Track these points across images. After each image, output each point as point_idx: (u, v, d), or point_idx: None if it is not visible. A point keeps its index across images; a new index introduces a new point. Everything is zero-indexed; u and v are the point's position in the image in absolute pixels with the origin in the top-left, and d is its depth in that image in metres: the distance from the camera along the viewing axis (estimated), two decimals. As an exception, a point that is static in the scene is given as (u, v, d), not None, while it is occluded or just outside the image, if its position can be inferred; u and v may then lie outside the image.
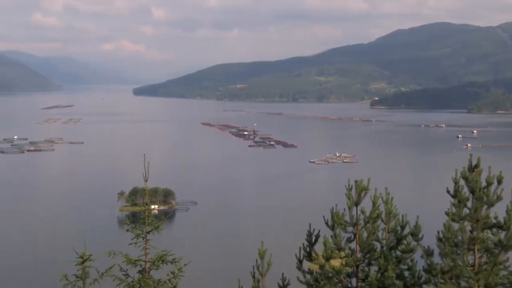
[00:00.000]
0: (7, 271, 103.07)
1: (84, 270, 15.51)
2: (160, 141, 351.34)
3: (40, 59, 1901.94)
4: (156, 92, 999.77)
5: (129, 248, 16.29)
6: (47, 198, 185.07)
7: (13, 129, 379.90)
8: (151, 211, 16.78)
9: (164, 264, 15.99)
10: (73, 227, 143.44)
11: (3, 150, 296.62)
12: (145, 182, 16.59)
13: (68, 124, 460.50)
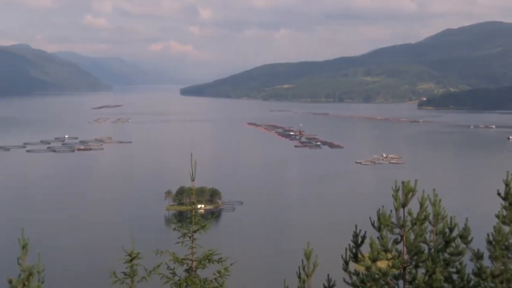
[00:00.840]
0: (59, 266, 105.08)
1: (132, 268, 15.72)
2: (206, 140, 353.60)
3: (91, 59, 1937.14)
4: (202, 92, 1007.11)
5: (176, 247, 16.43)
6: (96, 197, 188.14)
7: (64, 128, 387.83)
8: (197, 211, 16.90)
9: (210, 263, 16.08)
10: (122, 225, 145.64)
11: (55, 149, 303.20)
12: (192, 182, 16.70)
13: (116, 124, 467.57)
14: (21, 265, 14.92)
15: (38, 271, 14.96)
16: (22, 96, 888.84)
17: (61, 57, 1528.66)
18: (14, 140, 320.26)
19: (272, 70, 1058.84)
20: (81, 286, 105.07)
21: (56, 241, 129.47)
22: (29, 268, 14.94)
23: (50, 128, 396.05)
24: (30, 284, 14.62)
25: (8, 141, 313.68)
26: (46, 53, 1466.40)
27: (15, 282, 14.51)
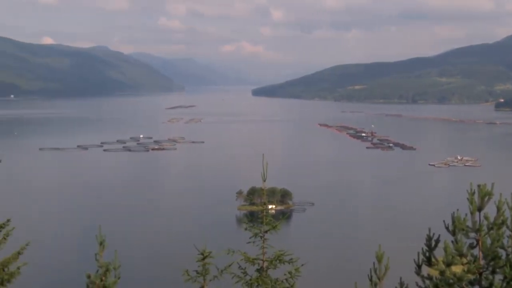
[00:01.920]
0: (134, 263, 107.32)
1: (204, 267, 15.94)
2: (277, 141, 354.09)
3: (165, 60, 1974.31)
4: (274, 92, 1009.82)
5: (248, 247, 16.54)
6: (169, 196, 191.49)
7: (139, 128, 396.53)
8: (268, 211, 16.97)
9: (281, 263, 16.12)
10: (194, 224, 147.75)
11: (130, 149, 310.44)
12: (264, 182, 16.78)
13: (189, 124, 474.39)
14: (99, 261, 15.37)
15: (114, 267, 15.37)
16: (100, 97, 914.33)
17: (137, 58, 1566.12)
18: (92, 139, 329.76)
19: (344, 70, 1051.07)
20: (155, 283, 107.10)
21: (131, 238, 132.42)
22: (106, 264, 15.36)
23: (126, 128, 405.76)
24: (107, 279, 15.04)
25: (87, 141, 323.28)
26: (123, 55, 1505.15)
27: (93, 277, 14.95)
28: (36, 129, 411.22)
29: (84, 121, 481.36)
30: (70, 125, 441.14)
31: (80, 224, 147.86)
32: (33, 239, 24.32)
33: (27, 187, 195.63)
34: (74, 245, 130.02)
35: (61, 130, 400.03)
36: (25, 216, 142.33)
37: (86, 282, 15.34)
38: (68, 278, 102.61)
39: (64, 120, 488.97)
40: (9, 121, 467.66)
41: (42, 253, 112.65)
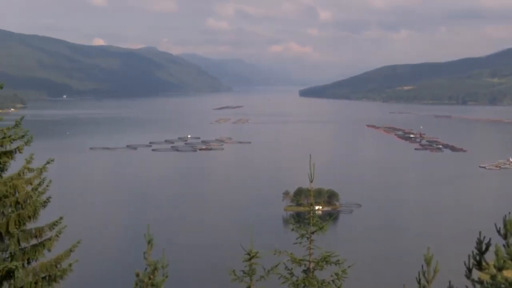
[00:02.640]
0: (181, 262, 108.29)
1: (251, 267, 16.01)
2: (325, 142, 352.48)
3: (213, 61, 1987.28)
4: (321, 93, 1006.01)
5: (294, 247, 16.55)
6: (216, 195, 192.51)
7: (187, 128, 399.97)
8: (315, 212, 16.94)
9: (328, 265, 16.08)
10: (241, 224, 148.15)
11: (178, 149, 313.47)
12: (311, 183, 16.76)
13: (237, 124, 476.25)
14: (147, 259, 15.59)
15: (162, 266, 15.56)
16: (149, 97, 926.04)
17: (185, 59, 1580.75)
18: (141, 139, 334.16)
19: (392, 71, 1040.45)
20: (202, 283, 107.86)
21: (177, 237, 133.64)
22: (154, 263, 15.58)
23: (174, 128, 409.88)
24: (155, 278, 15.25)
25: (136, 140, 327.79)
26: (171, 55, 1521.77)
27: (142, 275, 15.19)
28: (87, 129, 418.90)
29: (133, 121, 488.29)
30: (120, 125, 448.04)
31: (129, 223, 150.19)
32: (83, 237, 24.82)
33: (78, 186, 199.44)
34: (123, 243, 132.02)
35: (111, 130, 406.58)
36: (77, 215, 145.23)
37: (135, 280, 15.59)
38: (117, 276, 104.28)
39: (113, 120, 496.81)
40: (61, 121, 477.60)
41: (92, 251, 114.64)
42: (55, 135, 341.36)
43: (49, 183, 21.38)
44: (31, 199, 20.75)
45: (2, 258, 20.28)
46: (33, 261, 20.79)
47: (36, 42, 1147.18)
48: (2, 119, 21.06)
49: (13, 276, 19.41)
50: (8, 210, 20.49)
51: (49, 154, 22.95)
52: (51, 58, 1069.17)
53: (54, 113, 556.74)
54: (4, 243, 20.40)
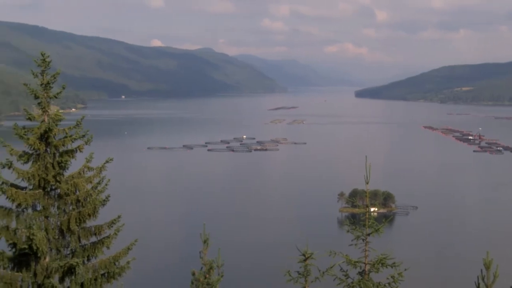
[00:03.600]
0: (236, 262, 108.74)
1: (306, 268, 16.02)
2: (380, 143, 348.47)
3: (268, 62, 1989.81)
4: (378, 94, 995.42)
5: (349, 249, 16.47)
6: (271, 195, 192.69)
7: (243, 129, 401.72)
8: (371, 214, 16.82)
9: (384, 267, 15.95)
10: (295, 224, 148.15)
11: (233, 149, 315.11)
12: (366, 184, 16.66)
13: (292, 125, 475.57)
14: (203, 258, 15.79)
15: (218, 265, 15.73)
16: (205, 97, 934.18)
17: (241, 59, 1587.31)
18: (197, 139, 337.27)
19: (451, 72, 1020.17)
20: (256, 282, 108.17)
21: (233, 237, 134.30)
22: (210, 262, 15.77)
23: (229, 129, 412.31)
24: (210, 277, 15.43)
25: (192, 140, 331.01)
26: (227, 56, 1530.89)
27: (198, 274, 15.40)
28: (144, 128, 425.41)
29: (189, 121, 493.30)
30: (176, 125, 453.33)
31: (185, 222, 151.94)
32: (140, 235, 25.26)
33: (136, 185, 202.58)
34: (179, 242, 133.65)
35: (168, 130, 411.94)
36: (134, 213, 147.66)
37: (191, 279, 15.80)
38: (173, 274, 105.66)
39: (170, 120, 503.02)
40: (120, 121, 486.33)
41: (149, 249, 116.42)
42: (113, 135, 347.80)
43: (108, 182, 21.87)
44: (91, 198, 21.26)
45: (64, 255, 20.86)
46: (93, 258, 21.31)
47: (97, 44, 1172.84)
48: (65, 119, 21.63)
49: (74, 272, 19.94)
50: (69, 208, 21.06)
51: (108, 154, 23.47)
52: (111, 59, 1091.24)
53: (113, 113, 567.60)
54: (65, 240, 20.98)
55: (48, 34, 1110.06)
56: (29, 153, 20.95)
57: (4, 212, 20.44)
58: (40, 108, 21.17)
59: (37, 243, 19.14)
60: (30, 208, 20.69)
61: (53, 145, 20.99)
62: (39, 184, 20.70)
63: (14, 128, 20.50)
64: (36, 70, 21.03)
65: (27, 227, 19.80)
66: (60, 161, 21.00)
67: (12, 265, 20.42)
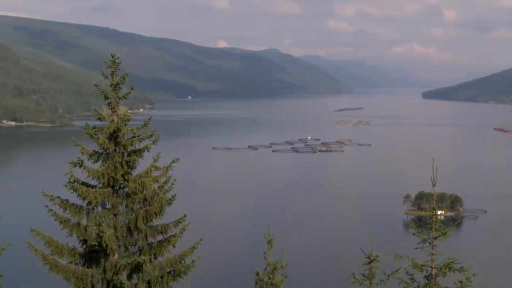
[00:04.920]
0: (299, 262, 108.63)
1: (371, 270, 15.87)
2: (447, 145, 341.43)
3: (333, 63, 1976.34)
4: (446, 95, 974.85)
5: (415, 252, 16.23)
6: (335, 197, 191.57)
7: (307, 130, 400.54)
8: (438, 217, 16.53)
9: (451, 271, 15.64)
10: (360, 226, 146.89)
11: (298, 150, 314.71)
12: (433, 187, 16.38)
13: (357, 126, 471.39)
14: (267, 259, 15.83)
15: (281, 266, 15.76)
16: (269, 98, 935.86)
17: (306, 60, 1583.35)
18: (262, 140, 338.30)
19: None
20: (320, 283, 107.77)
21: (297, 237, 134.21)
22: (274, 263, 15.80)
23: (294, 129, 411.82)
24: (274, 277, 15.47)
25: (256, 141, 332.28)
26: (293, 57, 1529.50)
27: (262, 274, 15.47)
28: (209, 129, 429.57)
29: (254, 121, 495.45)
30: (241, 126, 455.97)
31: (249, 222, 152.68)
32: (205, 234, 25.55)
33: (201, 185, 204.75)
34: (243, 242, 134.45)
35: (233, 130, 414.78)
36: (199, 213, 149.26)
37: (255, 279, 15.89)
38: (237, 274, 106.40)
39: (235, 120, 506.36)
40: (186, 121, 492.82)
41: (213, 249, 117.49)
42: (179, 135, 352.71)
43: (174, 182, 22.21)
44: (158, 197, 21.65)
45: (131, 252, 21.33)
46: (159, 256, 21.70)
47: (164, 45, 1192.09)
48: (133, 119, 22.10)
49: (141, 269, 20.37)
50: (136, 207, 21.52)
51: (174, 153, 23.83)
52: (177, 60, 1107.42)
53: (179, 113, 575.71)
54: (133, 237, 21.45)
55: (118, 35, 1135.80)
56: (99, 152, 21.52)
57: (75, 209, 21.08)
58: (109, 109, 21.70)
59: (106, 240, 19.66)
60: (100, 206, 21.26)
61: (121, 145, 21.48)
62: (108, 182, 21.23)
63: (85, 128, 21.13)
64: (106, 71, 21.56)
65: (97, 225, 20.36)
66: (128, 160, 21.47)
67: (83, 261, 21.07)
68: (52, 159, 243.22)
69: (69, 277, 20.62)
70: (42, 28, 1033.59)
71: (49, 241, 20.76)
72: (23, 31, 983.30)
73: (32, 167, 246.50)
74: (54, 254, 20.74)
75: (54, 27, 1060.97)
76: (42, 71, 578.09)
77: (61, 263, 20.72)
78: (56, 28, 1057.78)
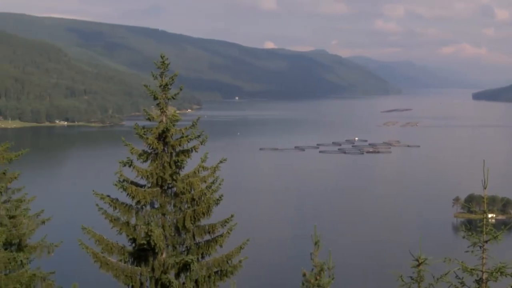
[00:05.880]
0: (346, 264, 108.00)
1: (419, 273, 15.69)
2: (499, 147, 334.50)
3: (381, 63, 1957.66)
4: (497, 97, 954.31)
5: (465, 256, 15.97)
6: (383, 199, 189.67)
7: (354, 131, 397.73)
8: (488, 220, 16.23)
9: (503, 276, 15.33)
10: (408, 228, 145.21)
11: (345, 151, 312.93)
12: (484, 189, 16.09)
13: (405, 127, 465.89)
14: (313, 260, 15.81)
15: (328, 267, 15.71)
16: (316, 99, 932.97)
17: (353, 61, 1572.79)
18: (309, 141, 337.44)
19: None
20: (367, 285, 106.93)
21: (343, 239, 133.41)
22: (321, 264, 15.77)
23: (341, 130, 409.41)
24: (321, 279, 15.44)
25: (303, 142, 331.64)
26: (340, 58, 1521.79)
27: (309, 275, 15.46)
28: (256, 129, 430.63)
29: (301, 122, 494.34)
30: (288, 126, 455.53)
31: (295, 223, 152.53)
32: (252, 234, 25.63)
33: (248, 185, 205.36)
34: (290, 242, 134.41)
35: (280, 131, 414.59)
36: (246, 213, 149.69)
37: (301, 280, 15.88)
38: (283, 274, 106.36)
39: (282, 121, 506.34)
40: (233, 122, 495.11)
41: (259, 249, 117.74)
42: (227, 135, 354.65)
43: (221, 182, 22.36)
44: (205, 197, 21.83)
45: (179, 252, 21.57)
46: (207, 256, 21.88)
47: (212, 46, 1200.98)
48: (181, 119, 22.33)
49: (189, 268, 20.59)
50: (184, 206, 21.75)
51: (222, 154, 24.00)
52: (225, 61, 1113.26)
53: (226, 114, 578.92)
54: (181, 237, 21.69)
55: (167, 36, 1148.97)
56: (148, 152, 21.83)
57: (125, 208, 21.44)
58: (158, 109, 22.00)
59: (155, 239, 19.93)
60: (149, 205, 21.57)
61: (170, 145, 21.76)
62: (157, 182, 21.53)
63: (134, 128, 21.47)
64: (156, 72, 21.87)
65: (146, 224, 20.67)
66: (177, 161, 21.72)
67: (132, 260, 21.42)
68: (102, 158, 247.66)
69: (118, 275, 20.99)
70: (92, 29, 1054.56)
71: (99, 239, 21.18)
72: (74, 33, 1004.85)
73: (83, 166, 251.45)
74: (104, 252, 21.17)
75: (103, 29, 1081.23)
76: (93, 72, 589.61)
77: (111, 261, 21.12)
78: (106, 29, 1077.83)
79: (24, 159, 30.60)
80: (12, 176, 28.71)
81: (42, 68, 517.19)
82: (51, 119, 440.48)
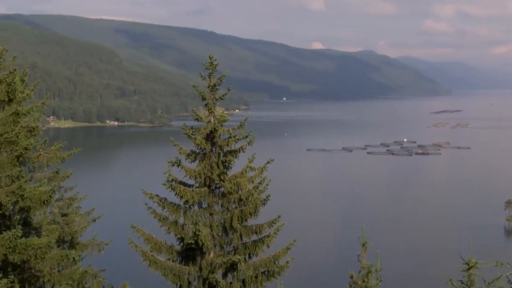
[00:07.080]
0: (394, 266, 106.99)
1: (469, 277, 15.42)
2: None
3: (430, 64, 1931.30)
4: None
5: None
6: (431, 200, 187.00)
7: (403, 132, 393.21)
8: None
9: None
10: (458, 231, 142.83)
11: (393, 152, 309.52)
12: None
13: (455, 129, 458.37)
14: (361, 262, 15.70)
15: (376, 270, 15.57)
16: (364, 100, 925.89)
17: (401, 62, 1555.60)
18: (356, 142, 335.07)
19: None
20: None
21: (391, 241, 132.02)
22: (368, 266, 15.64)
23: (390, 131, 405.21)
24: (369, 281, 15.31)
25: (351, 143, 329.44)
26: (389, 58, 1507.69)
27: (356, 277, 15.35)
28: (303, 130, 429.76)
29: (348, 123, 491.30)
30: (335, 127, 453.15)
31: (342, 224, 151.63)
32: (299, 235, 25.59)
33: (295, 186, 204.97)
34: (336, 244, 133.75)
35: (327, 132, 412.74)
36: (293, 213, 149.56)
37: (348, 282, 15.79)
38: (330, 276, 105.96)
39: (329, 122, 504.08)
40: (281, 122, 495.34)
41: (306, 250, 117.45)
42: (274, 136, 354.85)
43: (268, 182, 22.42)
44: (253, 197, 21.92)
45: (227, 251, 21.72)
46: (254, 256, 21.97)
47: (260, 47, 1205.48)
48: (229, 120, 22.48)
49: (236, 268, 20.71)
50: (232, 206, 21.90)
51: (269, 154, 24.04)
52: (273, 62, 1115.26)
53: (274, 114, 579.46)
54: (228, 237, 21.85)
55: (216, 38, 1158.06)
56: (196, 152, 22.06)
57: (173, 208, 21.72)
58: (206, 109, 22.20)
59: (203, 239, 20.13)
60: (196, 205, 21.80)
61: (218, 145, 21.95)
62: (205, 182, 21.74)
63: (183, 128, 21.74)
64: (204, 73, 22.06)
65: (194, 223, 20.90)
66: (224, 161, 21.89)
67: (180, 259, 21.68)
68: (151, 158, 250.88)
69: (166, 274, 21.29)
70: (141, 30, 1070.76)
71: (148, 238, 21.50)
72: (123, 34, 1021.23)
73: (132, 165, 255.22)
74: (153, 250, 21.50)
75: (152, 30, 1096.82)
76: (143, 72, 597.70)
77: (159, 259, 21.43)
78: (154, 30, 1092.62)
79: (76, 158, 31.26)
80: (65, 175, 29.42)
81: (94, 69, 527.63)
82: (102, 119, 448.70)
